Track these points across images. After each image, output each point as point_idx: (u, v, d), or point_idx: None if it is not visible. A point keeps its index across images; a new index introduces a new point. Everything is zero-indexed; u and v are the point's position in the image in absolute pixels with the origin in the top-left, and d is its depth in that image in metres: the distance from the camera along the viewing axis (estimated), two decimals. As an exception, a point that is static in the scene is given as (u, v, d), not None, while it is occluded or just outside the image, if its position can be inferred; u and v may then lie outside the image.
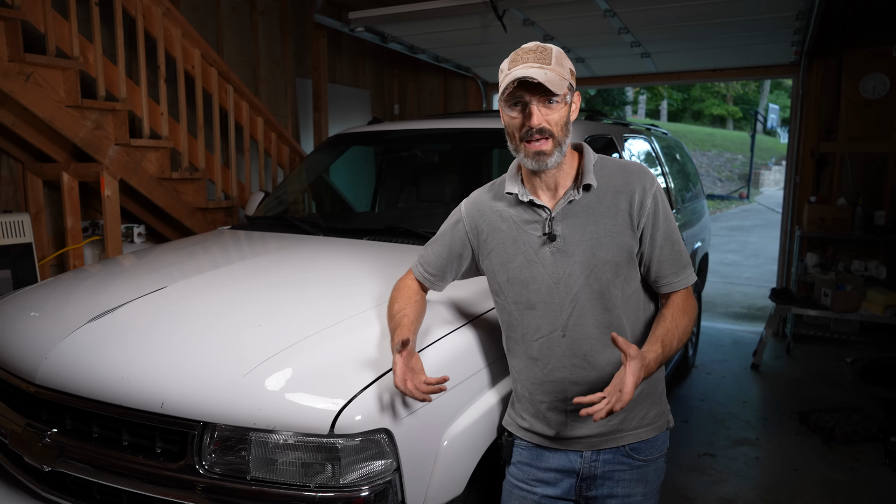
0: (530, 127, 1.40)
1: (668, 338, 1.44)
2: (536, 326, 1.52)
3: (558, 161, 1.45)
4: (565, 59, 1.44)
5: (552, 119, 1.41)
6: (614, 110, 24.36)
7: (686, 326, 1.48)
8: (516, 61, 1.41)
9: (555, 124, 1.41)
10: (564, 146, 1.45)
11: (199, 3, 4.64)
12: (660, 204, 1.49)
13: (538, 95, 1.39)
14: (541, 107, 1.40)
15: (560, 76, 1.39)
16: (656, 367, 1.40)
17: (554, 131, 1.41)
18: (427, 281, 1.71)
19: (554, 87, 1.37)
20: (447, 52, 5.80)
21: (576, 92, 1.48)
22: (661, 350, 1.41)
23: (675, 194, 4.06)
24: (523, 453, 1.59)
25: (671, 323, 1.47)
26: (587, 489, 1.56)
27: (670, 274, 1.51)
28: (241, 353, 1.56)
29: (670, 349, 1.44)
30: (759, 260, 9.87)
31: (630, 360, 1.31)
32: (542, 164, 1.44)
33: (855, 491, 2.99)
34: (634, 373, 1.30)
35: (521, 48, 1.44)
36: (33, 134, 3.34)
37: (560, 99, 1.40)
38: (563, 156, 1.45)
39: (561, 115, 1.42)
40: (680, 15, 4.14)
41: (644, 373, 1.34)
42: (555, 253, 1.48)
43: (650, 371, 1.37)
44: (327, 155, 3.46)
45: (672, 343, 1.44)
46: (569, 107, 1.45)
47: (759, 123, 25.63)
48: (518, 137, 1.44)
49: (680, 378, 4.43)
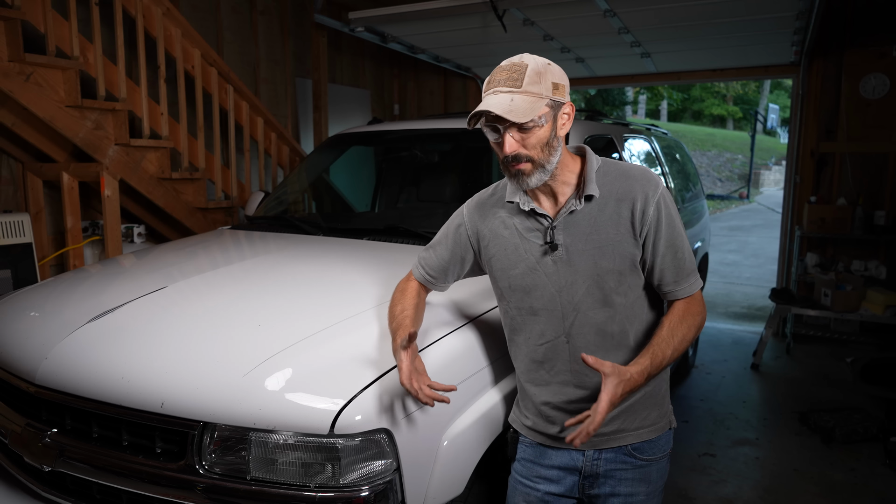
0: (504, 155, 1.39)
1: (659, 349, 1.41)
2: (541, 332, 1.52)
3: (542, 180, 1.42)
4: (546, 74, 1.37)
5: (529, 143, 1.37)
6: (614, 110, 24.36)
7: (684, 335, 1.44)
8: (490, 83, 1.38)
9: (532, 147, 1.38)
10: (549, 165, 1.41)
11: (199, 3, 4.64)
12: (663, 211, 1.46)
13: (508, 123, 1.35)
14: (514, 133, 1.37)
15: (534, 96, 1.34)
16: (643, 380, 1.37)
17: (531, 155, 1.38)
18: (428, 282, 1.70)
19: (517, 118, 1.32)
20: (447, 52, 5.80)
21: (566, 104, 1.42)
22: (650, 362, 1.38)
23: (676, 194, 4.07)
24: (527, 450, 1.60)
25: (667, 332, 1.44)
26: (590, 487, 1.56)
27: (672, 282, 1.49)
28: (241, 353, 1.56)
29: (662, 359, 1.41)
30: (759, 260, 9.87)
31: (606, 378, 1.30)
32: (524, 184, 1.42)
33: (855, 491, 2.99)
34: (609, 392, 1.29)
35: (498, 66, 1.39)
36: (33, 134, 3.34)
37: (534, 122, 1.36)
38: (547, 174, 1.42)
39: (539, 138, 1.37)
40: (680, 15, 4.14)
41: (627, 387, 1.33)
42: (557, 262, 1.48)
43: (635, 384, 1.35)
44: (327, 155, 3.46)
45: (665, 353, 1.41)
46: (551, 125, 1.39)
47: (759, 123, 25.63)
48: (501, 159, 1.43)
49: (680, 378, 4.43)
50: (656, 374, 1.43)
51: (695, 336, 1.49)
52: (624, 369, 1.34)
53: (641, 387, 1.39)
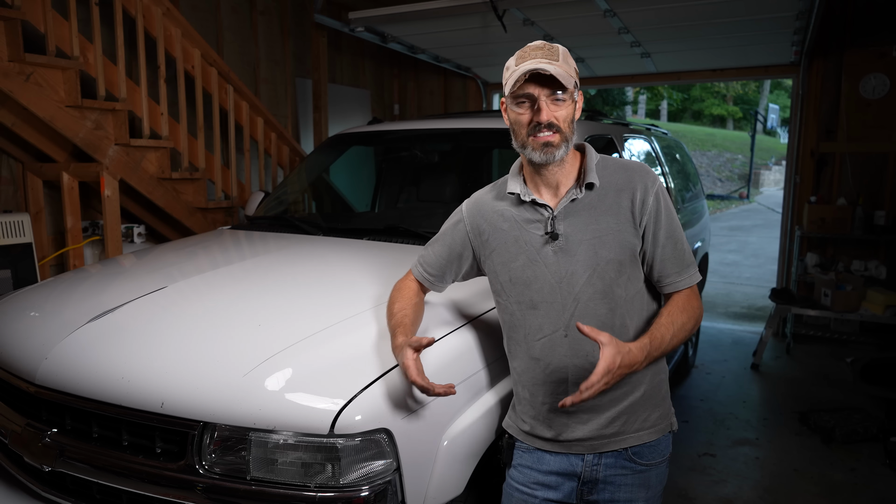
0: (538, 122, 1.42)
1: (658, 332, 1.42)
2: (539, 326, 1.51)
3: (564, 155, 1.46)
4: (570, 58, 1.46)
5: (560, 115, 1.42)
6: (614, 110, 24.36)
7: (683, 324, 1.46)
8: (524, 58, 1.42)
9: (562, 120, 1.43)
10: (571, 142, 1.47)
11: (199, 3, 4.64)
12: (662, 202, 1.49)
13: (547, 91, 1.41)
14: (549, 103, 1.42)
15: (568, 73, 1.41)
16: (642, 357, 1.37)
17: (562, 127, 1.43)
18: (427, 281, 1.70)
19: (565, 81, 1.39)
20: (447, 52, 5.80)
21: (579, 91, 1.50)
22: (649, 341, 1.39)
23: (676, 194, 4.06)
24: (524, 456, 1.58)
25: (666, 319, 1.46)
26: (588, 493, 1.55)
27: (673, 273, 1.50)
28: (241, 353, 1.56)
29: (661, 342, 1.42)
30: (759, 260, 9.87)
31: (603, 348, 1.30)
32: (550, 156, 1.44)
33: (855, 491, 2.99)
34: (607, 359, 1.29)
35: (527, 46, 1.45)
36: (33, 134, 3.34)
37: (567, 95, 1.42)
38: (569, 150, 1.47)
39: (568, 112, 1.44)
40: (680, 15, 4.14)
41: (626, 360, 1.33)
42: (557, 252, 1.48)
43: (634, 359, 1.35)
44: (327, 155, 3.46)
45: (664, 337, 1.42)
46: (574, 105, 1.47)
47: (759, 123, 25.63)
48: (525, 133, 1.45)
49: (680, 378, 4.43)
50: (656, 357, 1.43)
51: (693, 328, 1.49)
52: (622, 343, 1.34)
53: (641, 366, 1.39)
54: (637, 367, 1.38)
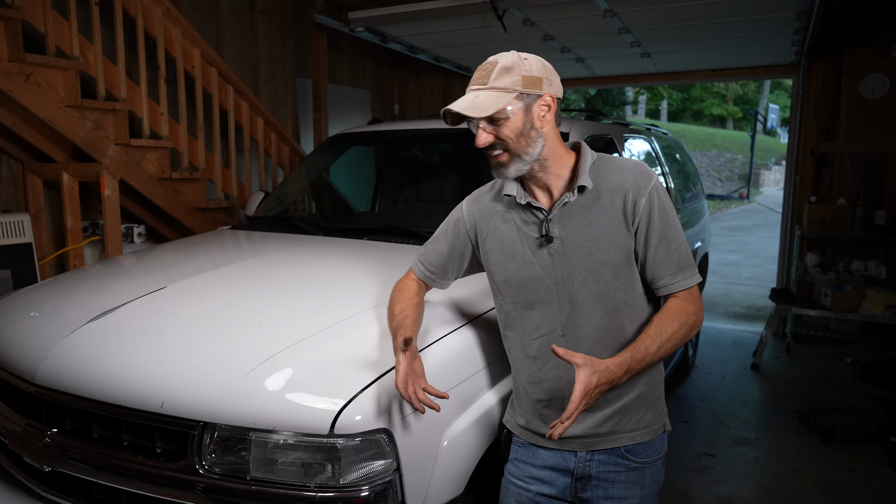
0: (477, 146, 1.44)
1: (644, 344, 1.40)
2: (536, 326, 1.51)
3: (522, 170, 1.45)
4: (516, 69, 1.39)
5: (502, 133, 1.41)
6: (614, 110, 24.36)
7: (673, 333, 1.42)
8: (469, 84, 1.45)
9: (507, 137, 1.41)
10: (528, 155, 1.43)
11: (199, 3, 4.64)
12: (655, 203, 1.46)
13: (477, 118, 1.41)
14: (485, 126, 1.42)
15: (500, 91, 1.38)
16: (622, 373, 1.36)
17: (508, 144, 1.42)
18: (428, 279, 1.71)
19: (478, 112, 1.37)
20: (447, 52, 5.80)
21: (544, 94, 1.43)
22: (630, 356, 1.38)
23: (675, 194, 4.07)
24: (520, 450, 1.59)
25: (654, 329, 1.42)
26: (582, 490, 1.55)
27: (666, 275, 1.47)
28: (241, 353, 1.56)
29: (645, 355, 1.39)
30: (759, 260, 9.87)
31: (578, 369, 1.31)
32: (502, 174, 1.46)
33: (855, 491, 2.99)
34: (583, 381, 1.30)
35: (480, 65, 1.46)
36: (33, 134, 3.34)
37: (500, 114, 1.39)
38: (527, 164, 1.45)
39: (511, 129, 1.40)
40: (680, 15, 4.14)
41: (603, 378, 1.32)
42: (553, 254, 1.48)
43: (613, 376, 1.34)
44: (327, 155, 3.46)
45: (648, 349, 1.40)
46: (523, 116, 1.41)
47: (759, 123, 25.64)
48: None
49: (680, 378, 4.43)
50: (640, 370, 1.41)
51: (686, 335, 1.46)
52: (599, 361, 1.34)
53: (621, 380, 1.38)
54: (618, 382, 1.37)
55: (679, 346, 1.46)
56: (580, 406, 1.30)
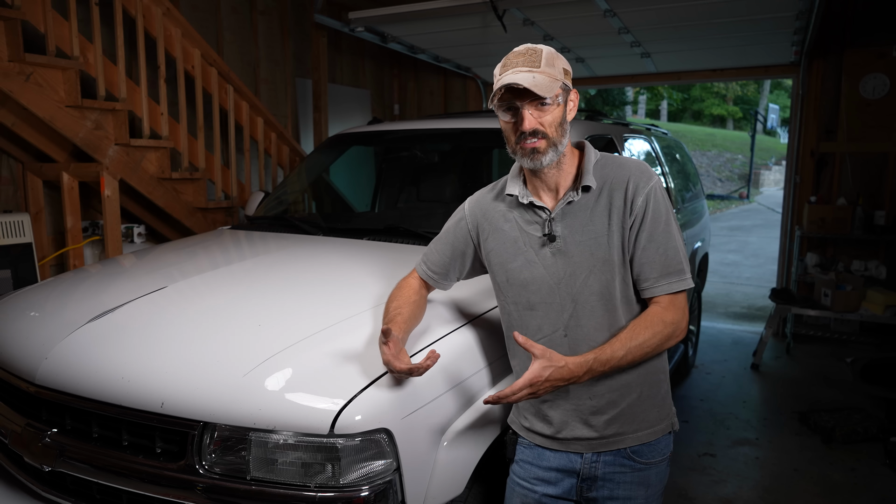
0: (523, 131, 1.42)
1: (611, 348, 1.39)
2: (538, 326, 1.52)
3: (554, 159, 1.45)
4: (558, 59, 1.44)
5: (545, 120, 1.42)
6: (614, 110, 24.36)
7: (644, 341, 1.40)
8: (507, 66, 1.42)
9: (548, 125, 1.42)
10: (560, 146, 1.45)
11: (199, 3, 4.64)
12: (651, 203, 1.45)
13: (528, 99, 1.40)
14: (532, 110, 1.41)
15: (551, 77, 1.40)
16: (582, 373, 1.37)
17: (548, 132, 1.42)
18: (431, 279, 1.71)
19: (542, 91, 1.37)
20: (447, 52, 5.80)
21: (572, 90, 1.48)
22: (594, 357, 1.38)
23: (675, 194, 4.06)
24: (525, 452, 1.60)
25: (626, 334, 1.41)
26: (588, 490, 1.55)
27: (651, 278, 1.45)
28: (241, 353, 1.56)
29: (609, 360, 1.39)
30: (759, 260, 9.87)
31: (534, 360, 1.34)
32: (538, 162, 1.44)
33: (855, 491, 2.99)
34: (533, 371, 1.33)
35: (511, 52, 1.45)
36: (33, 134, 3.34)
37: (551, 100, 1.41)
38: (559, 155, 1.45)
39: (554, 117, 1.43)
40: (680, 15, 4.14)
41: (557, 375, 1.35)
42: (555, 254, 1.48)
43: (571, 374, 1.36)
44: (327, 155, 3.46)
45: (615, 354, 1.39)
46: (563, 106, 1.45)
47: (759, 123, 25.63)
48: (514, 140, 1.46)
49: (680, 378, 4.43)
50: (603, 373, 1.41)
51: (660, 345, 1.43)
52: (559, 357, 1.36)
53: (580, 380, 1.39)
54: (576, 381, 1.38)
55: (651, 354, 1.45)
56: (520, 394, 1.34)
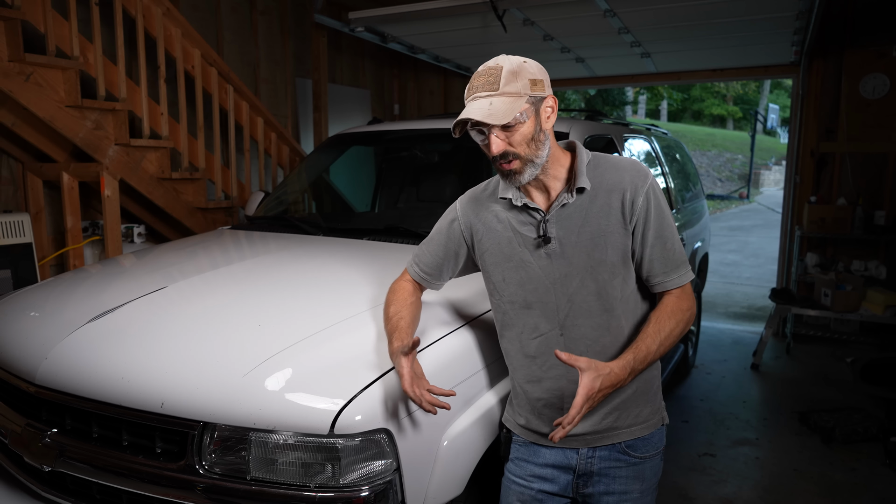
0: (492, 155, 1.42)
1: (644, 344, 1.42)
2: (534, 325, 1.52)
3: (534, 174, 1.44)
4: (521, 73, 1.39)
5: (514, 140, 1.40)
6: (614, 110, 24.36)
7: (671, 330, 1.45)
8: (470, 90, 1.41)
9: (518, 144, 1.40)
10: (538, 159, 1.43)
11: (199, 3, 4.64)
12: (652, 201, 1.47)
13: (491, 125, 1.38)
14: (498, 132, 1.39)
15: (513, 96, 1.37)
16: (626, 375, 1.38)
17: (518, 151, 1.41)
18: (423, 280, 1.70)
19: (498, 120, 1.34)
20: (447, 52, 5.79)
21: (547, 97, 1.44)
22: (633, 357, 1.40)
23: (675, 194, 4.06)
24: (520, 449, 1.60)
25: (653, 328, 1.44)
26: (584, 486, 1.56)
27: (661, 273, 1.49)
28: (241, 353, 1.56)
29: (646, 354, 1.42)
30: (759, 260, 9.87)
31: (582, 374, 1.32)
32: (516, 182, 1.45)
33: (855, 491, 2.99)
34: (586, 385, 1.31)
35: (476, 73, 1.43)
36: (33, 134, 3.34)
37: (515, 120, 1.37)
38: (538, 168, 1.44)
39: (523, 134, 1.40)
40: (680, 15, 4.14)
41: (607, 382, 1.34)
42: (550, 255, 1.48)
43: (617, 379, 1.36)
44: (327, 155, 3.46)
45: (650, 349, 1.42)
46: (534, 120, 1.41)
47: (759, 123, 25.64)
48: (491, 159, 1.45)
49: (680, 378, 4.43)
50: (642, 369, 1.43)
51: (683, 331, 1.49)
52: (603, 364, 1.35)
53: (625, 382, 1.39)
54: (622, 384, 1.39)
55: (676, 341, 1.48)
56: (582, 410, 1.31)
